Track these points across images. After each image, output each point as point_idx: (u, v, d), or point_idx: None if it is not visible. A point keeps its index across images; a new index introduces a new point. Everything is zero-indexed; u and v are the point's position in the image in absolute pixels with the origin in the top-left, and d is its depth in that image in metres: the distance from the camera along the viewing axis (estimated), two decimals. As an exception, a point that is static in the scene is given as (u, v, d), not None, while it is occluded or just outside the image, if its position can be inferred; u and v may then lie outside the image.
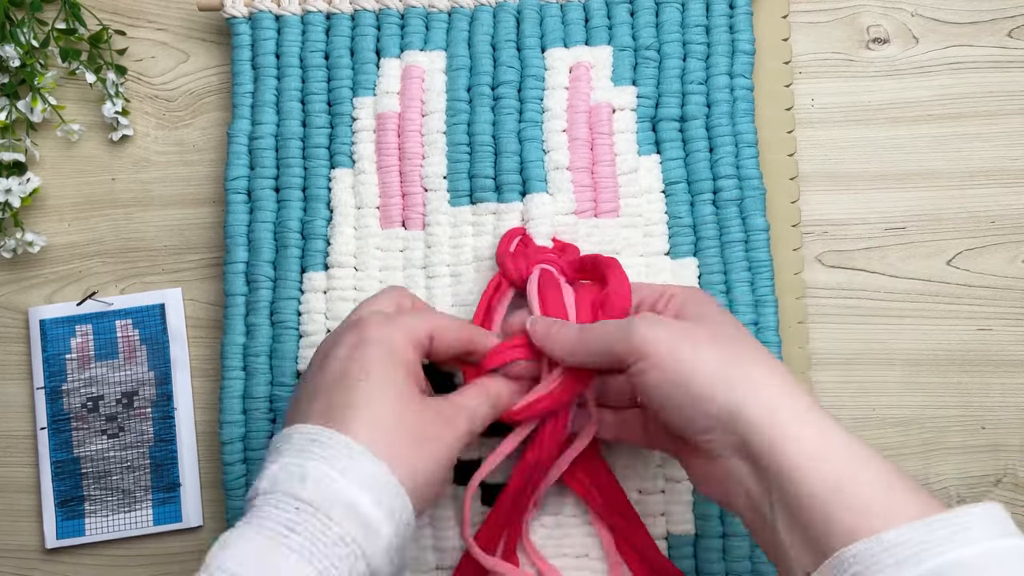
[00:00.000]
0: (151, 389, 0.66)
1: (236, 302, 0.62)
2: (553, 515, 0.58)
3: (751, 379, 0.44)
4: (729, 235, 0.60)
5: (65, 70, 0.69)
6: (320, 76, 0.64)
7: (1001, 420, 0.63)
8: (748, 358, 0.45)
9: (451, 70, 0.63)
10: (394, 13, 0.64)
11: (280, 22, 0.65)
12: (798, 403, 0.43)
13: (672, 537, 0.57)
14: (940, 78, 0.66)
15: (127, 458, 0.65)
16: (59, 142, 0.69)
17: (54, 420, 0.65)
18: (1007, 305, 0.63)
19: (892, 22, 0.66)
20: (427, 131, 0.62)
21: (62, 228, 0.68)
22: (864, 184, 0.65)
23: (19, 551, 0.66)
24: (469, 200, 0.61)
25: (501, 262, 0.56)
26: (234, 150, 0.63)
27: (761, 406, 0.42)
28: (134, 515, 0.65)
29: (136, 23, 0.70)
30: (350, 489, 0.41)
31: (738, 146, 0.61)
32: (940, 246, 0.64)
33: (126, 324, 0.66)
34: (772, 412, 0.42)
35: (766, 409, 0.42)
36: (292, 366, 0.60)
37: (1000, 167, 0.64)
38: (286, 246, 0.62)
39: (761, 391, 0.43)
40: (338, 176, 0.62)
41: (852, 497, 0.39)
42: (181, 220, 0.68)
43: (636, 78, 0.62)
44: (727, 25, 0.63)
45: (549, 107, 0.61)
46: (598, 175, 0.61)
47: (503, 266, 0.56)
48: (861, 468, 0.40)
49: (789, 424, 0.42)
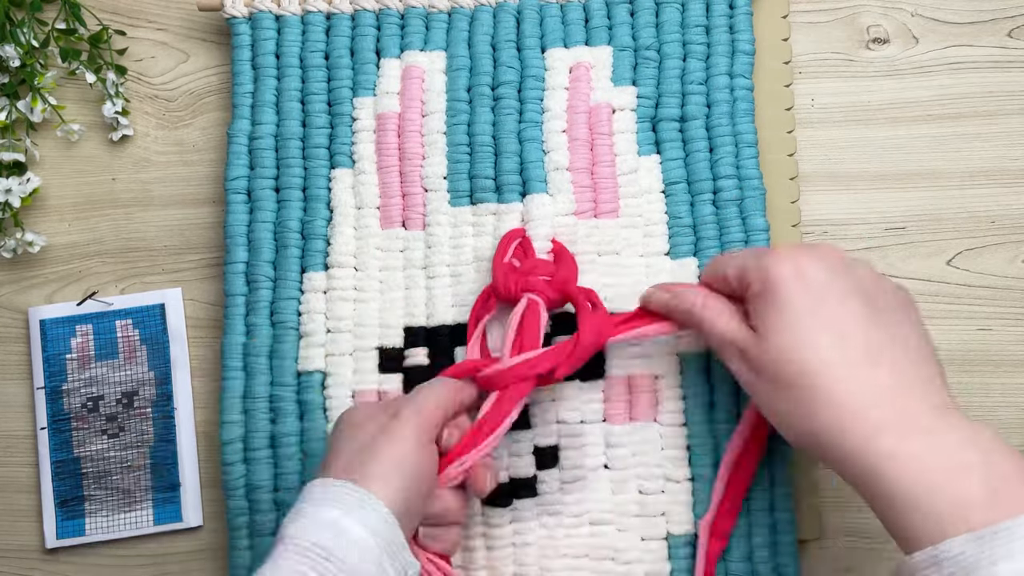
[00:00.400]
0: (151, 389, 0.66)
1: (236, 302, 0.62)
2: (554, 515, 0.58)
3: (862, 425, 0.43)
4: (729, 235, 0.60)
5: (65, 70, 0.69)
6: (320, 76, 0.64)
7: (1001, 420, 0.63)
8: (832, 399, 0.44)
9: (451, 70, 0.63)
10: (394, 13, 0.64)
11: (280, 22, 0.65)
12: (901, 425, 0.43)
13: (672, 537, 0.57)
14: (940, 78, 0.66)
15: (127, 458, 0.65)
16: (59, 142, 0.69)
17: (54, 420, 0.65)
18: (1007, 305, 0.63)
19: (892, 22, 0.66)
20: (427, 131, 0.62)
21: (62, 228, 0.68)
22: (864, 184, 0.65)
23: (19, 551, 0.66)
24: (469, 200, 0.61)
25: (494, 275, 0.56)
26: (234, 150, 0.63)
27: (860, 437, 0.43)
28: (134, 515, 0.65)
29: (136, 23, 0.70)
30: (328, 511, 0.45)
31: (738, 146, 0.61)
32: (940, 246, 0.64)
33: (126, 324, 0.66)
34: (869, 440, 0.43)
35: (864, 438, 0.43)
36: (292, 366, 0.60)
37: (1000, 167, 0.64)
38: (286, 246, 0.62)
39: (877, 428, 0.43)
40: (338, 176, 0.62)
41: (940, 501, 0.40)
42: (181, 220, 0.68)
43: (636, 78, 0.62)
44: (727, 25, 0.63)
45: (549, 107, 0.61)
46: (598, 175, 0.61)
47: (495, 279, 0.56)
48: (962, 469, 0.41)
49: (887, 446, 0.42)
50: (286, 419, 0.60)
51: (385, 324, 0.60)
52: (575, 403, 0.58)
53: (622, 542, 0.58)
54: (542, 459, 0.58)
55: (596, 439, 0.58)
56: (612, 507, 0.58)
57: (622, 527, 0.58)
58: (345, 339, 0.60)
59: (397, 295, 0.61)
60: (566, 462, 0.58)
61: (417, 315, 0.60)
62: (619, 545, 0.57)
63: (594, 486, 0.58)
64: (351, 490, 0.45)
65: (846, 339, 0.45)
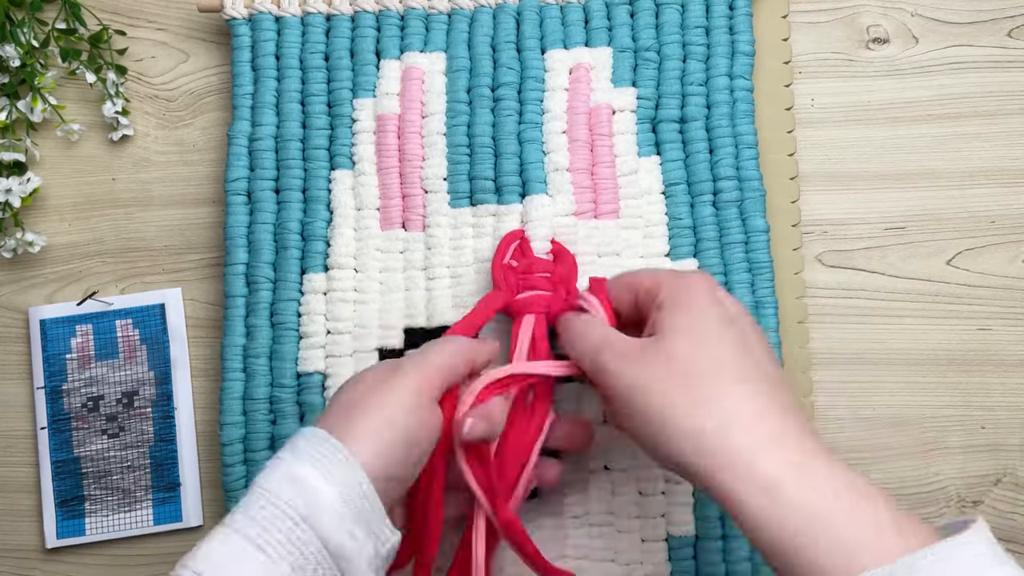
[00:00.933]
0: (151, 389, 0.66)
1: (236, 303, 0.62)
2: (554, 516, 0.58)
3: (726, 438, 0.41)
4: (729, 236, 0.60)
5: (65, 70, 0.69)
6: (320, 77, 0.64)
7: (1001, 420, 0.63)
8: (723, 404, 0.42)
9: (451, 72, 0.63)
10: (394, 15, 0.64)
11: (280, 23, 0.65)
12: (777, 456, 0.40)
13: (672, 539, 0.58)
14: (940, 78, 0.66)
15: (127, 458, 0.65)
16: (59, 142, 0.69)
17: (54, 420, 0.66)
18: (1007, 305, 0.63)
19: (892, 22, 0.66)
20: (427, 133, 0.62)
21: (62, 228, 0.68)
22: (864, 184, 0.65)
23: (19, 551, 0.66)
24: (469, 202, 0.61)
25: (494, 275, 0.56)
26: (234, 151, 0.63)
27: (732, 470, 0.40)
28: (134, 515, 0.65)
29: (136, 23, 0.70)
30: (301, 467, 0.43)
31: (738, 147, 0.61)
32: (940, 246, 0.64)
33: (126, 324, 0.66)
34: (743, 477, 0.40)
35: (736, 473, 0.40)
36: (292, 367, 0.60)
37: (1000, 167, 0.64)
38: (286, 247, 0.62)
39: (734, 454, 0.41)
40: (338, 178, 0.62)
41: (831, 542, 0.38)
42: (181, 220, 0.68)
43: (636, 79, 0.62)
44: (727, 26, 0.63)
45: (549, 109, 0.61)
46: (598, 176, 0.61)
47: (494, 279, 0.56)
48: (845, 511, 0.39)
49: (759, 482, 0.40)
50: (286, 421, 0.60)
51: (385, 325, 0.60)
52: (575, 404, 0.58)
53: (622, 543, 0.58)
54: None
55: (596, 440, 0.58)
56: (612, 508, 0.58)
57: (622, 528, 0.58)
58: (345, 340, 0.60)
59: (397, 296, 0.61)
60: (566, 463, 0.58)
61: (417, 316, 0.60)
62: (619, 546, 0.58)
63: (594, 487, 0.58)
64: (336, 451, 0.43)
65: (746, 355, 0.44)
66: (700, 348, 0.44)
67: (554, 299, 0.54)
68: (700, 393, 0.43)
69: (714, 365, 0.44)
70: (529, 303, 0.54)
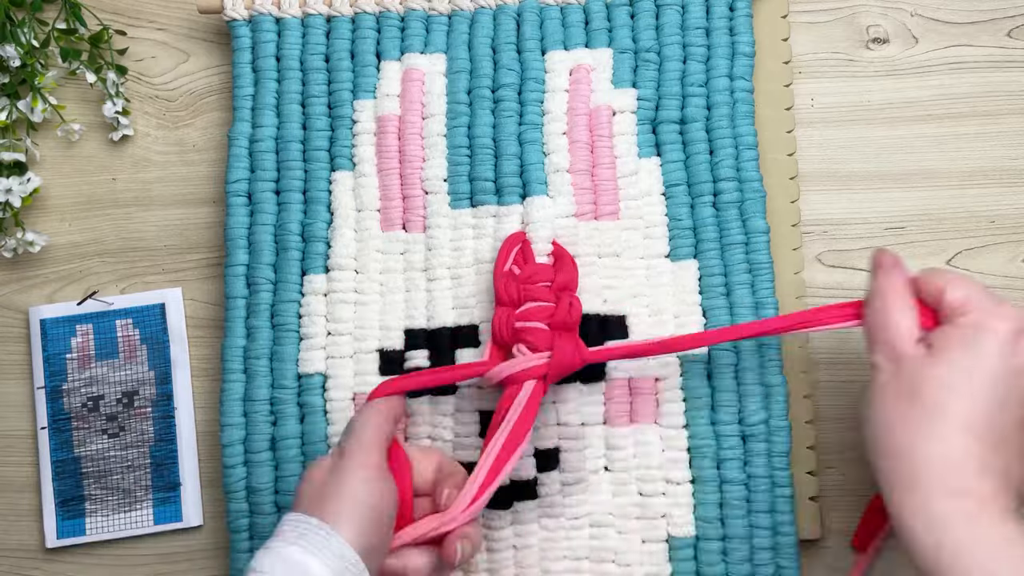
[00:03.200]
0: (151, 389, 0.66)
1: (236, 304, 0.62)
2: (554, 517, 0.58)
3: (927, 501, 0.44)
4: (729, 237, 0.60)
5: (65, 70, 0.69)
6: (320, 79, 0.64)
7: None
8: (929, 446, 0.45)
9: (451, 73, 0.63)
10: (394, 16, 0.64)
11: (280, 25, 0.65)
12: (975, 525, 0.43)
13: (673, 539, 0.58)
14: (939, 78, 0.66)
15: (127, 458, 0.65)
16: (59, 142, 0.69)
17: (54, 420, 0.66)
18: (1006, 305, 0.63)
19: (892, 22, 0.66)
20: (427, 134, 0.62)
21: (63, 228, 0.68)
22: (864, 184, 0.65)
23: (19, 551, 0.66)
24: (469, 203, 0.61)
25: (495, 284, 0.56)
26: (235, 153, 0.63)
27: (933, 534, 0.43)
28: (134, 515, 0.65)
29: (136, 23, 0.70)
30: (290, 548, 0.46)
31: (738, 148, 0.61)
32: (940, 246, 0.64)
33: (126, 324, 0.66)
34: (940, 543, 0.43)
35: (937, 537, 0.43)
36: (292, 368, 0.61)
37: (1000, 167, 0.64)
38: (286, 249, 0.62)
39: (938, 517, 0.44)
40: (338, 179, 0.62)
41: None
42: (181, 220, 0.68)
43: (636, 80, 0.62)
44: (727, 28, 0.63)
45: (549, 110, 0.61)
46: (598, 177, 0.61)
47: (496, 289, 0.56)
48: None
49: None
50: (287, 422, 0.60)
51: (385, 326, 0.60)
52: (576, 405, 0.58)
53: (623, 544, 0.58)
54: (543, 461, 0.58)
55: (597, 441, 0.58)
56: (612, 509, 0.58)
57: (622, 529, 0.58)
58: (345, 341, 0.60)
59: (397, 297, 0.61)
60: (567, 464, 0.58)
61: (417, 317, 0.60)
62: (620, 547, 0.58)
63: (595, 488, 0.58)
64: (317, 528, 0.46)
65: (1002, 411, 0.46)
66: (952, 381, 0.46)
67: (552, 364, 0.54)
68: (920, 415, 0.46)
69: (959, 398, 0.46)
70: (525, 373, 0.54)
